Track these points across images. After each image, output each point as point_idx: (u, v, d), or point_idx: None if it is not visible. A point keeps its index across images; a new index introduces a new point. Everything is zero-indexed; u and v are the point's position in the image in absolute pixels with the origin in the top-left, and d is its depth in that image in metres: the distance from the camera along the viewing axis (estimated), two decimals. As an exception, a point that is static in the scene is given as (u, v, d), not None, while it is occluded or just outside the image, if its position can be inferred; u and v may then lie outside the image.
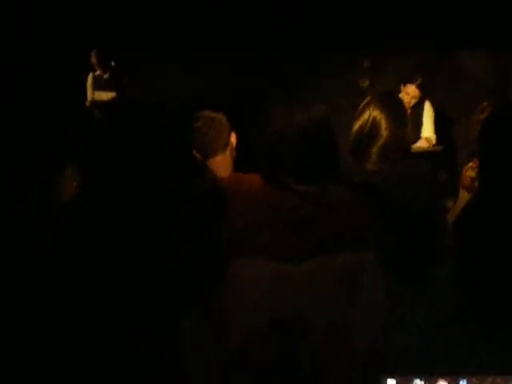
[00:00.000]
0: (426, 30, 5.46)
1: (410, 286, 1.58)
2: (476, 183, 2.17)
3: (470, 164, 2.57)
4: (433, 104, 4.87)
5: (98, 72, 5.91)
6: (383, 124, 2.13)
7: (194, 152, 2.26)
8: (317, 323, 1.44)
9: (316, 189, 1.53)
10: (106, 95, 5.67)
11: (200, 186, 1.89)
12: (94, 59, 5.85)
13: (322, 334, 1.44)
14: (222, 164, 2.27)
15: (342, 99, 5.62)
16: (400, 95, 4.67)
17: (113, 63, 5.92)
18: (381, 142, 2.13)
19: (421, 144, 4.70)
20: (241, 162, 2.31)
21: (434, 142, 4.79)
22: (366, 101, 2.22)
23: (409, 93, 4.65)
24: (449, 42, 5.51)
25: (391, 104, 2.18)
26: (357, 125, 2.19)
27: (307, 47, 5.90)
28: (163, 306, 1.57)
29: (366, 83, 6.04)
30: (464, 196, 2.54)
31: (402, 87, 4.71)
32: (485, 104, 2.92)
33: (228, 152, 2.31)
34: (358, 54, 5.91)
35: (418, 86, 4.62)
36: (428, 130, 4.81)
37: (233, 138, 2.34)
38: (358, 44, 5.72)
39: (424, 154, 4.40)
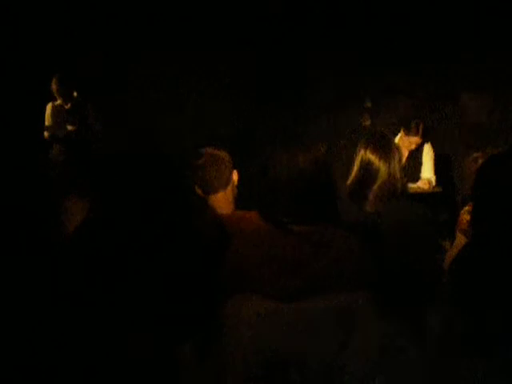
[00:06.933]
0: (429, 71, 5.54)
1: (405, 325, 1.60)
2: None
3: (467, 208, 2.60)
4: (433, 145, 4.91)
5: (58, 101, 5.24)
6: (377, 166, 2.19)
7: (196, 188, 2.29)
8: (311, 362, 1.45)
9: (313, 230, 1.56)
10: (67, 128, 5.16)
11: (200, 222, 1.91)
12: (54, 86, 5.15)
13: (317, 373, 1.45)
14: (222, 201, 2.28)
15: (343, 139, 5.69)
16: (399, 138, 4.73)
17: (75, 93, 5.24)
18: (376, 183, 2.18)
19: (420, 185, 4.73)
20: (242, 200, 2.33)
21: (433, 183, 4.82)
22: (360, 144, 2.27)
23: (411, 142, 4.70)
24: (450, 83, 5.59)
25: (383, 146, 2.23)
26: (354, 167, 2.25)
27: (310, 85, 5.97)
28: (159, 339, 1.58)
29: (368, 122, 6.10)
30: (461, 238, 2.56)
31: (402, 131, 4.75)
32: (478, 154, 2.97)
33: (229, 189, 2.31)
34: (360, 94, 5.98)
35: (420, 135, 4.68)
36: (427, 171, 4.83)
37: (234, 176, 2.35)
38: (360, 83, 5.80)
39: (423, 195, 4.43)
